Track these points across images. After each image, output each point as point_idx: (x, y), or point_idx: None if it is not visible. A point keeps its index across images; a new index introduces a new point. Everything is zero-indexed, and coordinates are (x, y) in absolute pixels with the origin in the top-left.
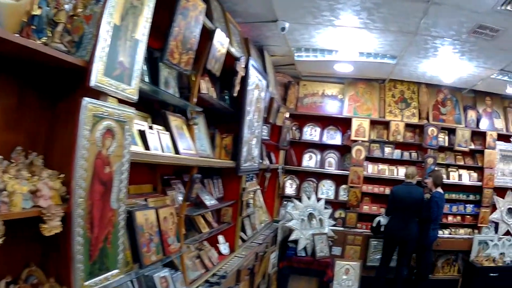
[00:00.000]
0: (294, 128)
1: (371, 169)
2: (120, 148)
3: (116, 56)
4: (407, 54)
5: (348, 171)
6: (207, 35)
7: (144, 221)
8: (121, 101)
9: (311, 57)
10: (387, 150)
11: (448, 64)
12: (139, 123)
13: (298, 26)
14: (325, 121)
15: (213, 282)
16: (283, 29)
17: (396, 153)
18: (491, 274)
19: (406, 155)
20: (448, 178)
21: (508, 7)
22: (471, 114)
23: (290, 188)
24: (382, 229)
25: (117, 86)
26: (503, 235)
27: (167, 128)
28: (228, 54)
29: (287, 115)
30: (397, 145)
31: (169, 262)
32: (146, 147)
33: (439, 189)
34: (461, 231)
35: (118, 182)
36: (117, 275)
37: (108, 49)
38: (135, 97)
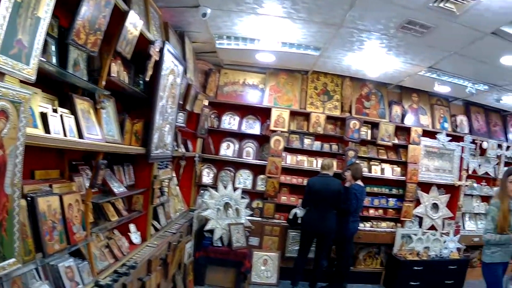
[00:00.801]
0: (212, 116)
1: (290, 160)
2: (15, 130)
3: (15, 34)
4: (331, 47)
5: (266, 161)
6: (120, 16)
7: (46, 208)
8: (24, 82)
9: (233, 45)
10: (307, 141)
11: (374, 58)
12: (44, 106)
13: (220, 13)
14: (244, 110)
15: (122, 272)
16: (204, 15)
17: (316, 145)
18: (415, 268)
19: (326, 147)
20: (370, 171)
21: (441, 4)
22: (396, 109)
23: (207, 177)
24: (299, 221)
25: (14, 66)
26: (428, 229)
27: (73, 111)
28: (143, 37)
29: (206, 103)
30: (318, 137)
31: (78, 251)
32: (47, 130)
33: (359, 182)
34: (384, 224)
35: (12, 166)
36: (14, 264)
37: (6, 26)
38: (33, 77)
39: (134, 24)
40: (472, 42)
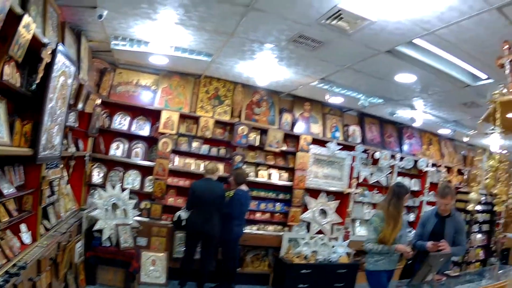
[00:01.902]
0: (104, 115)
1: (178, 162)
2: None
3: None
4: (223, 54)
5: (154, 162)
6: (15, 19)
7: None
8: None
9: (127, 46)
10: (195, 144)
11: (265, 67)
12: None
13: (116, 15)
14: (136, 111)
15: (13, 273)
16: (100, 16)
17: (204, 148)
18: (303, 271)
19: (214, 151)
20: (257, 176)
21: (333, 22)
22: (287, 117)
23: (97, 176)
24: (183, 223)
25: None
26: (315, 234)
27: None
28: (36, 39)
29: (99, 102)
30: (207, 140)
31: None
32: None
33: (243, 187)
34: (271, 227)
35: None
36: None
37: None
38: None
39: (27, 27)
40: (367, 59)
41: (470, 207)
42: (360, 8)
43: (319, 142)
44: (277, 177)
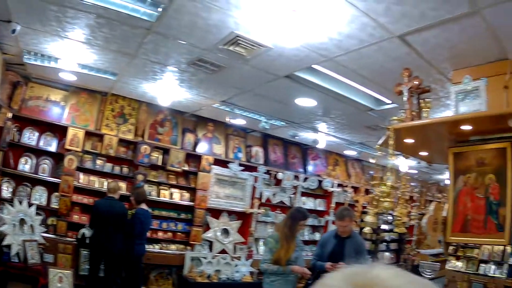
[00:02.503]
0: (15, 129)
1: (83, 179)
2: None
3: None
4: (127, 73)
5: (60, 179)
6: None
7: None
8: None
9: (39, 61)
10: (99, 162)
11: (167, 88)
12: None
13: (29, 31)
14: (45, 126)
15: None
16: (13, 31)
17: (108, 167)
18: None
19: (117, 169)
20: (159, 196)
21: (230, 48)
22: (189, 137)
23: (6, 191)
24: (87, 241)
25: None
26: (219, 253)
27: None
28: None
29: (10, 115)
30: (110, 158)
31: None
32: None
33: (143, 206)
34: (173, 246)
35: None
36: None
37: None
38: None
39: None
40: (266, 83)
41: (366, 230)
42: (257, 35)
43: (221, 162)
44: (179, 197)
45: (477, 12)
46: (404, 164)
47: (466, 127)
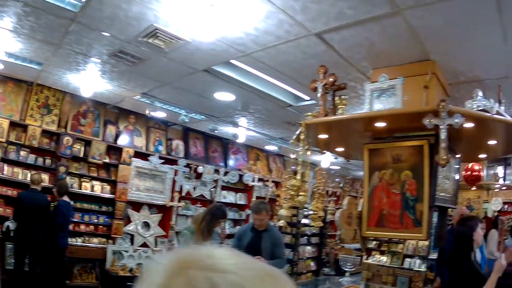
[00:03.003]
0: None
1: (7, 171)
2: None
3: None
4: (52, 64)
5: None
6: None
7: None
8: None
9: None
10: (23, 153)
11: (90, 79)
12: None
13: None
14: None
15: None
16: None
17: (31, 158)
18: (129, 283)
19: (40, 161)
20: (80, 188)
21: (150, 40)
22: (111, 129)
23: None
24: (12, 234)
25: None
26: (139, 246)
27: None
28: None
29: None
30: (34, 150)
31: None
32: None
33: (65, 198)
34: (95, 240)
35: None
36: None
37: None
38: None
39: None
40: (185, 76)
41: (280, 223)
42: (175, 28)
43: (142, 155)
44: (100, 189)
45: (398, 13)
46: (326, 159)
47: (381, 124)
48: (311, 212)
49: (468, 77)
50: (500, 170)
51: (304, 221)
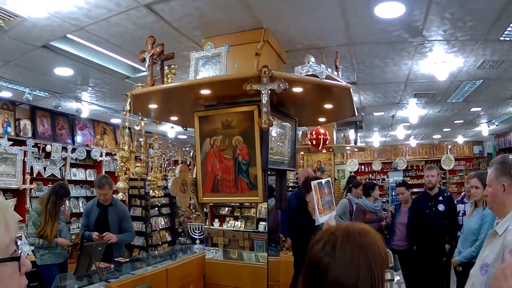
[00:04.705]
0: None
1: None
2: None
3: None
4: None
5: None
6: None
7: None
8: None
9: None
10: None
11: None
12: None
13: None
14: None
15: None
16: None
17: None
18: None
19: None
20: None
21: None
22: None
23: None
24: None
25: None
26: None
27: None
28: None
29: None
30: None
31: None
32: None
33: None
34: None
35: None
36: None
37: None
38: None
39: None
40: (25, 54)
41: (119, 195)
42: (12, 5)
43: None
44: None
45: None
46: (171, 129)
47: (206, 92)
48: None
49: (305, 44)
50: (351, 133)
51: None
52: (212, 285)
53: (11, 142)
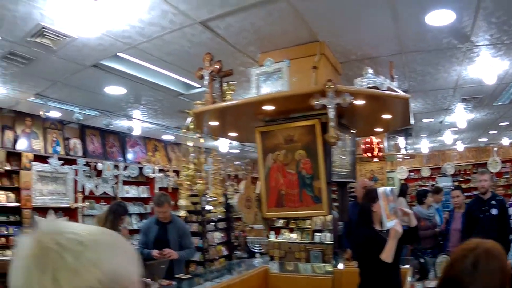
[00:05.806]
0: None
1: None
2: None
3: None
4: None
5: None
6: None
7: None
8: None
9: None
10: None
11: None
12: None
13: None
14: None
15: None
16: None
17: None
18: None
19: None
20: None
21: (37, 40)
22: (9, 135)
23: None
24: None
25: None
26: None
27: None
28: None
29: None
30: None
31: None
32: None
33: None
34: (9, 252)
35: None
36: None
37: None
38: None
39: None
40: (74, 73)
41: (181, 213)
42: (61, 25)
43: (41, 158)
44: (5, 199)
45: None
46: (223, 144)
47: (269, 107)
48: (211, 199)
49: (359, 55)
50: (401, 141)
51: (208, 207)
52: None
53: (61, 162)
